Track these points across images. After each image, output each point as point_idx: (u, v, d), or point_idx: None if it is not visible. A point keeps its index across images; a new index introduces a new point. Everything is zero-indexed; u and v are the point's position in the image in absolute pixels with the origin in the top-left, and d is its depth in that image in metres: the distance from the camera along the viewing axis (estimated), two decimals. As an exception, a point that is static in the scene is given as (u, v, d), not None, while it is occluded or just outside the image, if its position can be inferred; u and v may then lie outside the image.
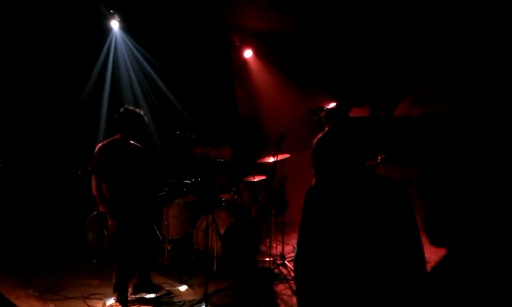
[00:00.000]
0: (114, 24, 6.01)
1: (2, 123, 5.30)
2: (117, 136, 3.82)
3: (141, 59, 6.52)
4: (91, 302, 3.96)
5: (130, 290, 3.95)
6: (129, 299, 3.90)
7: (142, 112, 3.86)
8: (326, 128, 5.13)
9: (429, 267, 2.60)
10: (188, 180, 5.31)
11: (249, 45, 7.33)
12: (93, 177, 3.70)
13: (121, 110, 3.80)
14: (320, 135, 5.14)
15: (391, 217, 1.80)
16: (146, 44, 6.44)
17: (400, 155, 5.42)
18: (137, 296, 4.04)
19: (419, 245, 1.78)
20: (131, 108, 3.83)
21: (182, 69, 6.80)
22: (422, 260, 1.75)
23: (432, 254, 4.44)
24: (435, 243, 4.41)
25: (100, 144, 3.75)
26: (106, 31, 6.08)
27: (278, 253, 5.12)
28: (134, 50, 6.47)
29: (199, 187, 4.82)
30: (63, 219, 5.58)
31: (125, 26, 6.17)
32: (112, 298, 3.89)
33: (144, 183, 3.92)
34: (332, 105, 5.16)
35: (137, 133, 3.86)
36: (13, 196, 5.22)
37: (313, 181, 5.14)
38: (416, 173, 5.52)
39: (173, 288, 4.26)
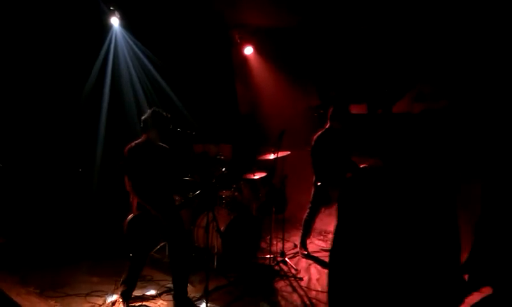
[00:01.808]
0: (115, 21, 5.99)
1: (3, 120, 5.29)
2: (144, 137, 3.88)
3: (141, 56, 6.50)
4: (92, 299, 3.97)
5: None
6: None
7: (169, 115, 3.95)
8: (327, 126, 5.13)
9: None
10: (188, 177, 5.31)
11: (249, 42, 7.31)
12: (126, 178, 3.78)
13: (149, 111, 3.89)
14: (319, 133, 5.14)
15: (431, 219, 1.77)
16: (147, 41, 6.42)
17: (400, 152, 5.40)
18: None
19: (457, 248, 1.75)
20: (158, 110, 3.91)
21: (182, 66, 6.78)
22: (458, 261, 1.70)
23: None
24: None
25: (128, 147, 3.80)
26: (106, 28, 6.07)
27: (279, 250, 5.12)
28: (134, 47, 6.45)
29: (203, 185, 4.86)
30: (63, 217, 5.59)
31: (125, 23, 6.16)
32: (114, 294, 3.91)
33: (173, 183, 4.03)
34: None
35: (164, 134, 3.92)
36: (14, 193, 5.22)
37: (314, 179, 5.15)
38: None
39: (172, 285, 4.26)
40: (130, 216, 3.78)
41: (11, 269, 4.48)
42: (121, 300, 3.83)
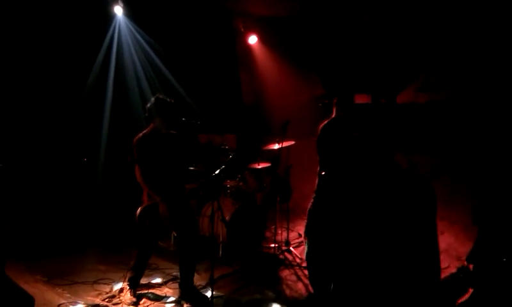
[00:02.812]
0: (118, 10, 5.95)
1: (9, 112, 5.30)
2: (151, 127, 3.84)
3: (145, 45, 6.47)
4: (99, 287, 4.02)
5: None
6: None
7: (173, 100, 3.90)
8: (333, 115, 5.11)
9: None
10: (193, 166, 5.32)
11: (253, 31, 7.25)
12: (137, 168, 3.74)
13: (152, 99, 3.84)
14: (325, 122, 5.10)
15: (409, 211, 1.78)
16: (150, 30, 6.38)
17: (406, 142, 5.39)
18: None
19: (434, 244, 1.76)
20: (161, 96, 3.86)
21: (186, 55, 6.75)
22: (437, 261, 1.71)
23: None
24: None
25: (136, 138, 3.77)
26: (110, 17, 6.04)
27: (283, 239, 5.15)
28: (138, 36, 6.42)
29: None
30: (69, 205, 5.62)
31: (129, 12, 6.12)
32: (121, 282, 3.95)
33: (183, 171, 4.01)
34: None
35: (171, 121, 3.87)
36: (20, 181, 5.25)
37: (318, 169, 5.12)
38: (424, 160, 5.49)
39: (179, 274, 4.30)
40: (142, 206, 3.78)
41: (18, 257, 4.51)
42: (128, 287, 3.87)
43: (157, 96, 3.86)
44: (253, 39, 7.33)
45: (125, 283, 3.91)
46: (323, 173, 4.98)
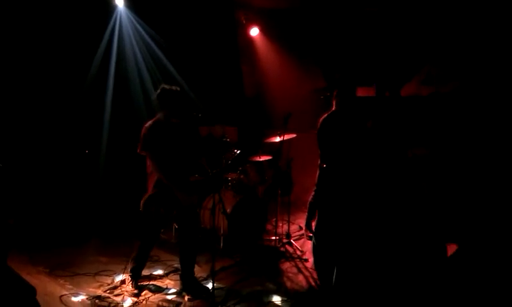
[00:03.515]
0: (119, 1, 5.93)
1: (12, 103, 5.29)
2: (159, 116, 3.82)
3: (146, 36, 6.44)
4: (101, 279, 4.04)
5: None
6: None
7: (178, 89, 3.87)
8: (333, 108, 5.09)
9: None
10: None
11: (255, 23, 7.21)
12: (148, 157, 3.73)
13: (158, 90, 3.81)
14: (325, 115, 5.08)
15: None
16: (152, 21, 6.35)
17: (408, 134, 5.37)
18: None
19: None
20: (167, 87, 3.83)
21: (188, 47, 6.72)
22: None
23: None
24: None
25: (146, 125, 3.76)
26: (111, 8, 6.00)
27: (284, 232, 5.16)
28: (139, 27, 6.39)
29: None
30: (71, 197, 5.64)
31: (130, 3, 6.08)
32: (122, 274, 3.97)
33: (192, 158, 3.99)
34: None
35: (178, 110, 3.84)
36: (23, 174, 5.26)
37: (319, 162, 5.11)
38: (425, 153, 5.48)
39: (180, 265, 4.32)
40: (147, 194, 3.77)
41: (20, 249, 4.54)
42: (130, 278, 3.89)
43: (163, 87, 3.82)
44: (254, 32, 7.29)
45: (127, 275, 3.93)
46: (324, 166, 4.99)
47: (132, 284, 3.87)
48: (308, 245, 5.08)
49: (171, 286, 4.00)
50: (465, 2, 5.21)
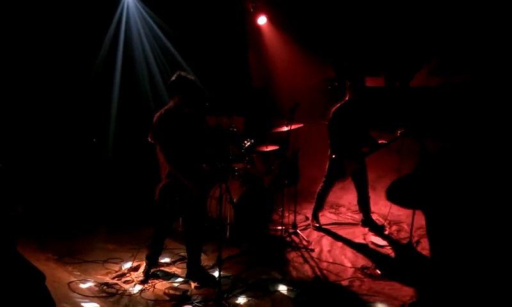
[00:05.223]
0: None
1: (21, 92, 5.31)
2: (171, 104, 3.78)
3: (153, 25, 6.42)
4: (109, 266, 4.08)
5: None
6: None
7: (194, 78, 3.83)
8: (347, 98, 5.04)
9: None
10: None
11: (263, 12, 7.14)
12: (158, 146, 3.68)
13: (174, 77, 3.76)
14: (338, 106, 5.02)
15: None
16: (159, 10, 6.32)
17: (417, 126, 5.31)
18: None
19: None
20: (183, 73, 3.78)
21: (195, 36, 6.68)
22: None
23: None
24: None
25: (158, 113, 3.71)
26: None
27: (290, 222, 5.16)
28: (147, 16, 6.36)
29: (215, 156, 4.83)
30: (79, 185, 5.69)
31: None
32: (130, 261, 4.01)
33: (201, 148, 3.97)
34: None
35: (191, 99, 3.80)
36: (31, 161, 5.31)
37: (329, 152, 5.08)
38: (435, 145, 5.42)
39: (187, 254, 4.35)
40: (162, 183, 3.77)
41: (29, 236, 4.60)
42: (146, 264, 3.94)
43: (179, 74, 3.76)
44: (262, 20, 7.22)
45: (142, 261, 3.98)
46: (334, 156, 4.97)
47: (146, 269, 3.90)
48: (314, 235, 5.09)
49: (178, 273, 4.03)
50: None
